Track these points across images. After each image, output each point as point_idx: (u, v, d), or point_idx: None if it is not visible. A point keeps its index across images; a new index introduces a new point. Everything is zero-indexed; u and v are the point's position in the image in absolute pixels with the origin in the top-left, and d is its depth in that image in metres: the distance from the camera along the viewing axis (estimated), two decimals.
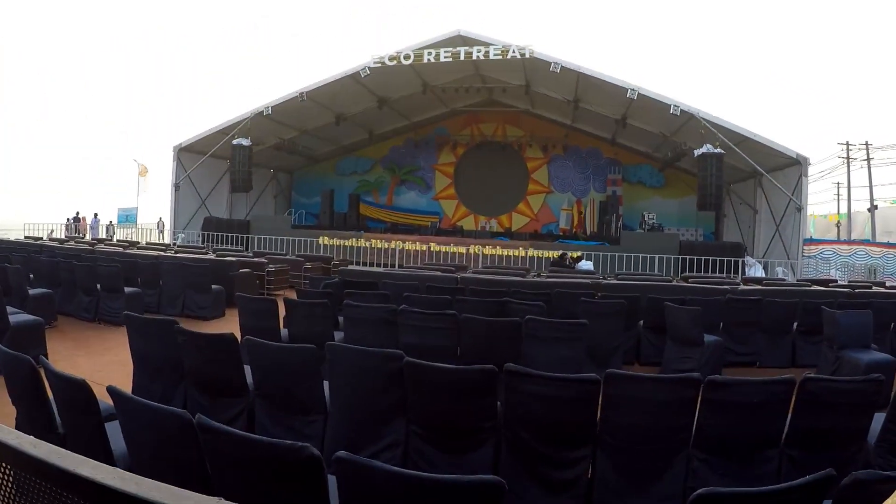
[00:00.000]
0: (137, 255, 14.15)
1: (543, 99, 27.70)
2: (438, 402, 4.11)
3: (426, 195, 33.69)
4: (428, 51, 22.96)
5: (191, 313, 11.09)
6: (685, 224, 29.36)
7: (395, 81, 25.80)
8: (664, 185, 30.46)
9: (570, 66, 21.77)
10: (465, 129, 32.75)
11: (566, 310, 8.13)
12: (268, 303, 7.21)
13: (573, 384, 3.88)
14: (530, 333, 6.27)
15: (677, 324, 7.78)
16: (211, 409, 4.68)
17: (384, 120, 30.86)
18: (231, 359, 4.67)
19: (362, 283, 9.91)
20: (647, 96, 21.33)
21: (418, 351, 4.93)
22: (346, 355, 4.41)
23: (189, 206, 27.89)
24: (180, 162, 27.15)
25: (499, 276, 11.61)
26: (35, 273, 11.53)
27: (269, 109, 25.35)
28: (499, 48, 22.29)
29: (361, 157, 34.58)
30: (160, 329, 5.24)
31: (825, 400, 3.94)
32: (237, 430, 4.36)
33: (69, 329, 9.88)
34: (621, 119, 25.14)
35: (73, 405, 3.54)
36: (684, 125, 22.06)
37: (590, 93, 24.19)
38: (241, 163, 25.12)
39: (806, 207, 21.11)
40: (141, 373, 5.49)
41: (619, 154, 30.81)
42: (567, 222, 31.28)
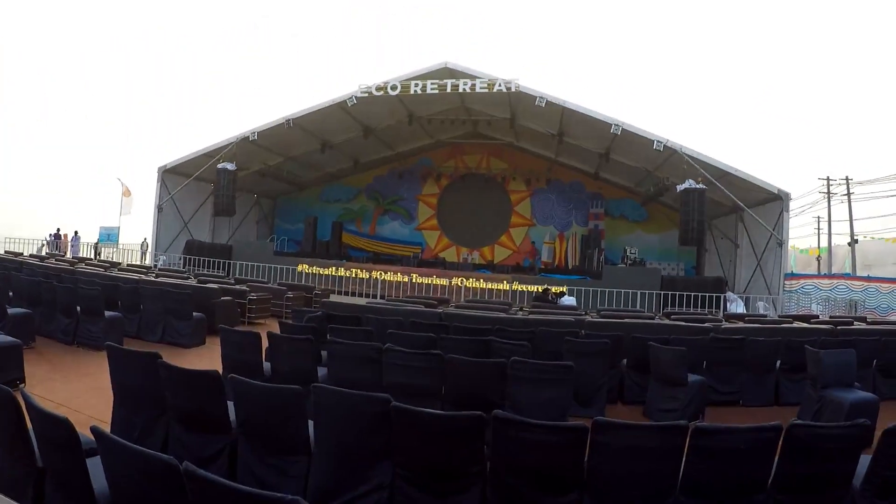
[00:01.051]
0: (119, 278, 14.01)
1: (528, 132, 27.93)
2: (425, 446, 4.07)
3: (409, 225, 33.76)
4: (415, 82, 23.14)
5: (171, 340, 10.93)
6: (667, 258, 29.54)
7: (382, 111, 25.96)
8: (646, 220, 30.72)
9: (555, 100, 22.03)
10: (449, 160, 32.93)
11: (550, 349, 8.12)
12: (251, 336, 7.12)
13: (561, 431, 3.85)
14: (516, 375, 6.23)
15: (661, 364, 7.77)
16: (193, 446, 4.61)
17: (369, 149, 30.95)
18: (215, 396, 4.59)
19: (346, 317, 9.85)
20: (630, 131, 21.62)
21: (403, 390, 4.89)
22: (332, 397, 4.37)
23: (172, 228, 27.76)
24: (164, 183, 27.06)
25: (482, 311, 11.58)
26: (14, 291, 11.40)
27: (254, 135, 25.37)
28: (485, 81, 22.49)
29: (345, 186, 34.65)
30: (143, 361, 5.12)
31: (812, 445, 3.94)
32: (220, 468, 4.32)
33: (47, 351, 9.70)
34: (605, 153, 25.40)
35: (55, 441, 3.47)
36: (667, 160, 22.32)
37: (574, 127, 24.43)
38: (225, 187, 25.08)
39: (787, 242, 21.31)
40: (121, 404, 5.38)
41: (601, 188, 31.06)
42: (549, 255, 31.41)
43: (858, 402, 6.84)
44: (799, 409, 7.84)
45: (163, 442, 4.78)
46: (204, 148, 26.67)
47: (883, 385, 8.85)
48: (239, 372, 4.70)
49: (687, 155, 20.88)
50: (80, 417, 6.03)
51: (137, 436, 4.84)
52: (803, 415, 7.58)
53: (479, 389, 6.08)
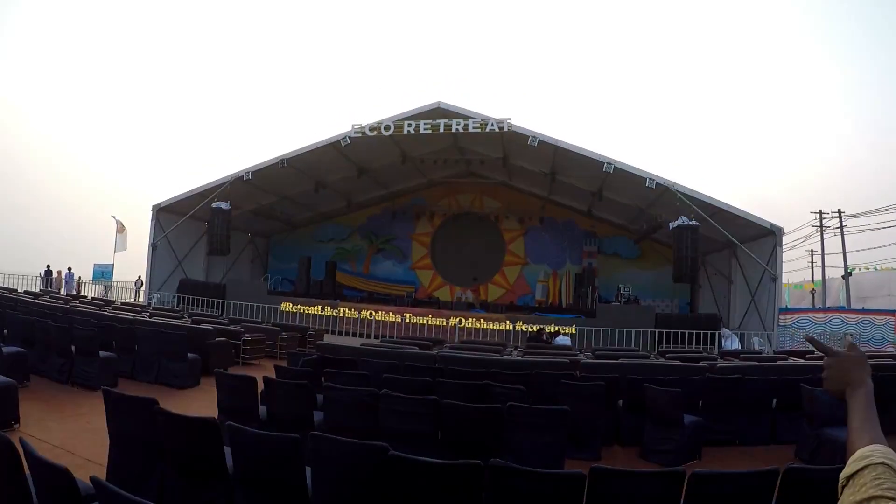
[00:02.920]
0: (113, 318, 13.99)
1: (521, 171, 28.09)
2: (423, 494, 4.05)
3: (403, 265, 33.81)
4: (408, 122, 23.30)
5: (165, 381, 10.89)
6: (661, 295, 29.59)
7: (375, 151, 26.07)
8: (639, 257, 30.81)
9: (548, 139, 22.23)
10: (442, 199, 33.07)
11: (546, 392, 8.12)
12: (247, 381, 7.11)
13: (558, 480, 3.85)
14: (512, 420, 6.25)
15: (657, 405, 7.78)
16: (189, 493, 4.60)
17: (363, 188, 31.09)
18: (212, 443, 4.58)
19: (341, 360, 9.85)
20: (622, 169, 21.84)
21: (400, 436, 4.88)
22: (329, 445, 4.36)
23: (166, 266, 27.81)
24: (159, 221, 27.14)
25: (477, 354, 11.58)
26: (9, 329, 11.41)
27: (249, 174, 25.52)
28: (477, 121, 22.68)
29: (339, 225, 34.74)
30: (139, 407, 5.12)
31: (809, 488, 3.94)
32: None
33: (42, 391, 9.65)
34: (597, 191, 25.54)
35: (53, 489, 3.46)
36: (659, 197, 22.48)
37: (566, 166, 24.61)
38: (219, 226, 25.14)
39: (781, 277, 21.38)
40: (118, 449, 5.35)
41: (595, 226, 31.15)
42: (543, 294, 31.40)
43: None
44: (796, 447, 7.84)
45: (159, 488, 4.76)
46: (198, 187, 26.81)
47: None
48: (234, 416, 4.71)
49: (679, 192, 21.05)
50: (75, 460, 6.02)
51: (134, 483, 4.81)
52: (800, 453, 7.59)
53: (475, 434, 6.08)
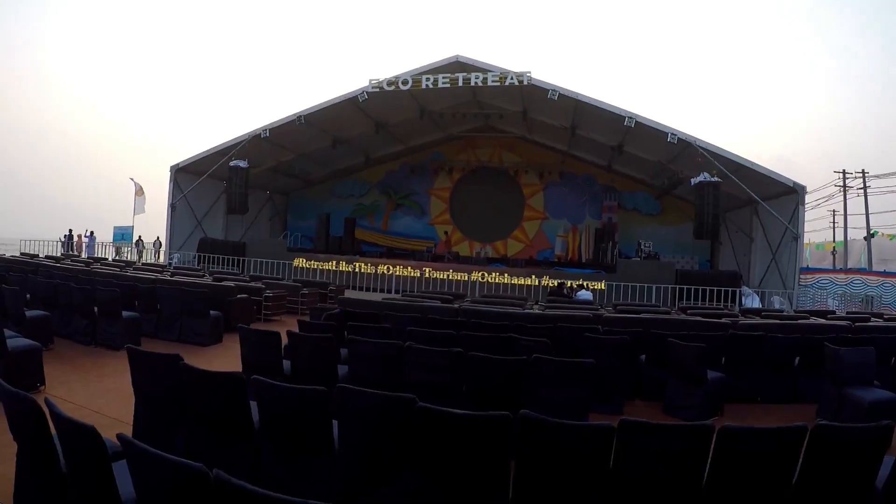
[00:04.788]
0: (135, 278, 14.04)
1: (540, 125, 27.79)
2: (451, 447, 4.03)
3: (422, 220, 33.75)
4: (426, 76, 23.05)
5: (188, 339, 10.93)
6: (681, 251, 29.41)
7: (393, 106, 25.89)
8: (660, 213, 30.58)
9: (568, 93, 21.92)
10: (461, 154, 32.87)
11: (569, 344, 8.06)
12: (270, 336, 7.10)
13: (587, 432, 3.81)
14: (537, 372, 6.20)
15: (680, 360, 7.71)
16: (216, 448, 4.60)
17: (381, 144, 30.94)
18: (237, 398, 4.56)
19: (364, 314, 9.85)
20: (644, 124, 21.51)
21: (425, 389, 4.85)
22: (357, 398, 4.33)
23: (185, 226, 27.91)
24: (177, 182, 27.19)
25: (499, 307, 11.53)
26: (32, 294, 11.43)
27: (266, 132, 25.42)
28: (496, 75, 22.38)
29: (357, 181, 34.68)
30: (164, 364, 5.10)
31: (837, 446, 3.89)
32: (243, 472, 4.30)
33: (66, 352, 9.70)
34: (618, 146, 25.25)
35: (80, 449, 3.43)
36: (681, 153, 22.19)
37: (587, 120, 24.33)
38: (237, 184, 25.14)
39: (802, 236, 21.13)
40: (143, 407, 5.37)
41: (615, 181, 30.92)
42: (562, 249, 31.30)
43: (878, 402, 6.78)
44: (817, 406, 7.78)
45: (185, 445, 4.78)
46: (216, 146, 26.78)
47: None
48: (259, 371, 4.68)
49: (701, 148, 20.77)
50: (101, 419, 6.04)
51: (160, 440, 4.83)
52: (822, 413, 7.52)
53: (500, 387, 6.04)
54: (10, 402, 3.90)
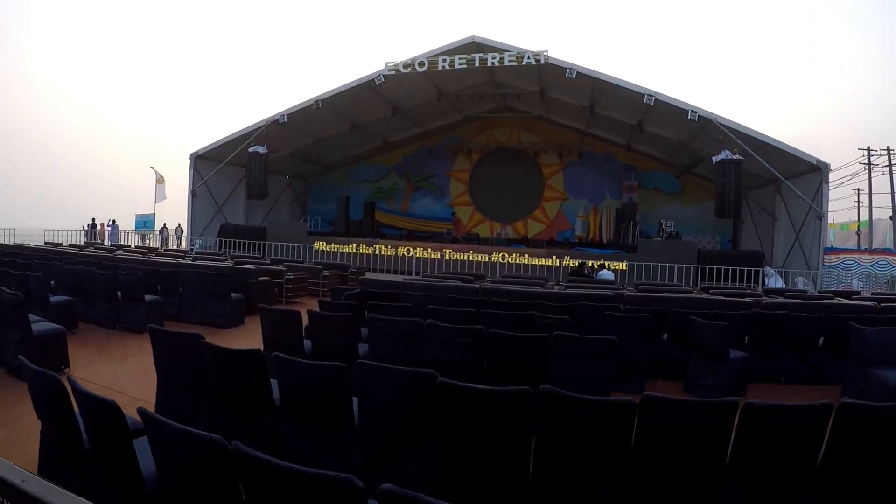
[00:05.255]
0: (157, 263, 14.18)
1: (558, 105, 27.60)
2: (471, 422, 4.03)
3: (441, 202, 33.68)
4: (442, 58, 23.00)
5: (210, 321, 11.02)
6: (702, 231, 29.16)
7: (410, 89, 25.89)
8: (681, 192, 30.27)
9: (586, 71, 21.71)
10: (479, 135, 32.73)
11: (591, 323, 8.02)
12: (291, 315, 7.15)
13: (609, 407, 3.78)
14: (558, 350, 6.17)
15: (703, 338, 7.64)
16: (237, 425, 4.62)
17: (398, 127, 30.98)
18: (258, 375, 4.61)
19: (384, 293, 9.87)
20: (663, 102, 21.29)
21: (444, 366, 4.85)
22: (377, 374, 4.35)
23: (206, 212, 28.11)
24: (197, 169, 27.35)
25: (519, 286, 11.50)
26: (56, 280, 11.57)
27: (284, 117, 25.51)
28: (513, 55, 22.24)
29: (376, 165, 34.68)
30: (186, 343, 5.17)
31: (862, 425, 3.82)
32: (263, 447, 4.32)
33: (90, 336, 9.84)
34: (637, 125, 25.05)
35: (102, 424, 3.49)
36: (702, 131, 21.95)
37: (605, 98, 24.09)
38: (256, 170, 25.25)
39: (826, 215, 20.87)
40: (165, 386, 5.45)
41: (635, 160, 30.67)
42: (583, 229, 31.16)
43: None
44: (842, 387, 7.68)
45: (207, 422, 4.80)
46: (234, 133, 26.92)
47: None
48: (280, 350, 4.69)
49: (722, 125, 20.53)
50: (124, 399, 6.09)
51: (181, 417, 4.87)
52: (847, 393, 7.41)
53: (521, 365, 6.02)
54: (35, 381, 3.95)
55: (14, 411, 5.80)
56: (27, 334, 7.26)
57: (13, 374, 7.11)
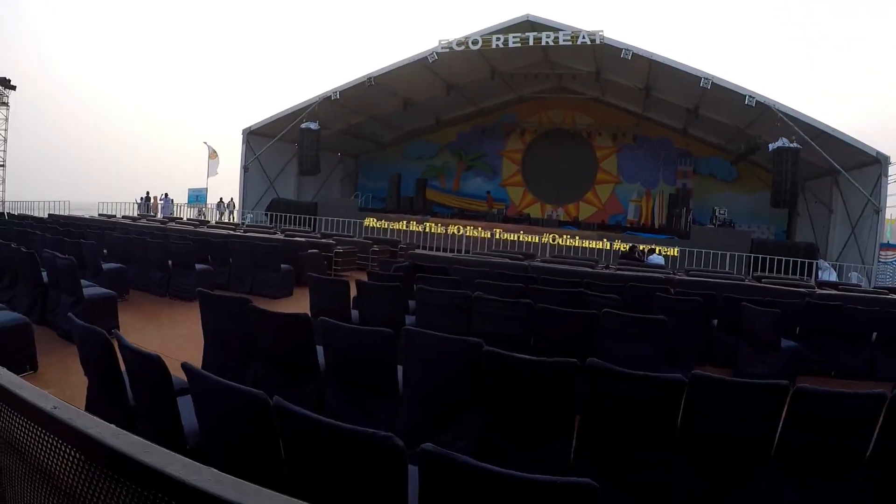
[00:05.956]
0: (208, 234, 14.43)
1: (614, 86, 27.18)
2: (516, 393, 4.00)
3: (493, 181, 33.43)
4: (496, 36, 22.77)
5: (259, 292, 11.13)
6: (757, 221, 28.56)
7: (463, 67, 25.69)
8: (736, 179, 29.61)
9: (642, 52, 21.34)
10: (533, 115, 32.37)
11: (640, 304, 7.90)
12: (340, 284, 7.21)
13: (658, 384, 3.73)
14: (607, 327, 6.11)
15: (755, 326, 7.48)
16: (281, 388, 4.66)
17: (452, 106, 30.76)
18: (304, 339, 4.65)
19: (433, 267, 9.88)
20: (720, 86, 20.77)
21: (491, 339, 4.86)
22: (424, 340, 4.35)
23: (258, 187, 28.44)
24: (249, 145, 27.65)
25: (569, 266, 11.44)
26: (109, 249, 11.85)
27: (337, 94, 25.54)
28: (568, 34, 21.92)
29: (428, 142, 34.55)
30: (233, 306, 5.25)
31: None
32: (308, 410, 4.37)
33: (141, 303, 10.07)
34: (693, 109, 24.54)
35: (146, 380, 3.55)
36: (759, 117, 21.44)
37: (661, 81, 23.67)
38: (309, 146, 25.41)
39: (884, 210, 20.28)
40: (212, 348, 5.53)
41: (690, 145, 30.04)
42: (635, 214, 30.75)
43: None
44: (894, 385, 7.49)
45: (251, 383, 4.87)
46: (287, 109, 27.08)
47: None
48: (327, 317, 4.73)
49: (780, 112, 20.02)
50: (171, 362, 6.20)
51: (227, 377, 4.95)
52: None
53: (568, 341, 5.97)
54: (83, 338, 4.03)
55: (63, 370, 5.96)
56: (79, 298, 7.43)
57: (64, 337, 7.29)
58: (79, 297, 7.45)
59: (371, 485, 2.40)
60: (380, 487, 2.37)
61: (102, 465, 1.29)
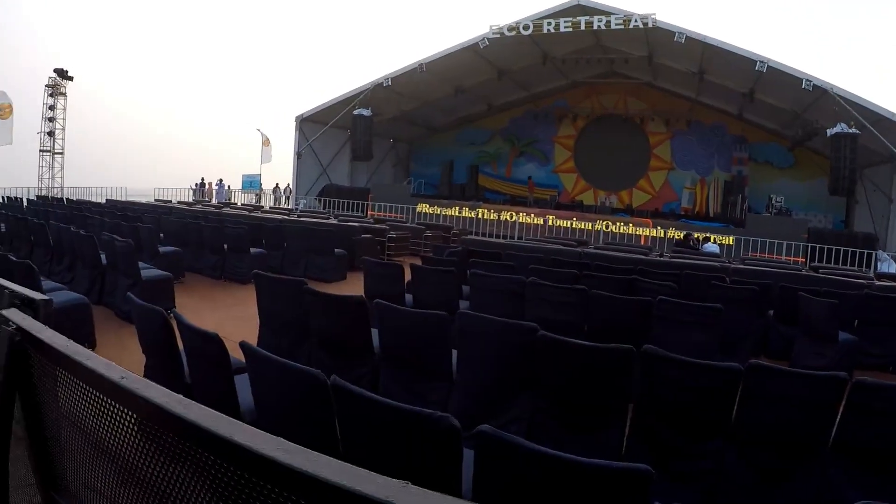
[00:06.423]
0: (262, 218, 14.67)
1: (667, 71, 26.82)
2: (570, 379, 3.99)
3: (545, 168, 33.27)
4: (547, 21, 22.68)
5: (313, 275, 11.16)
6: (814, 209, 27.90)
7: (514, 52, 25.62)
8: (793, 166, 28.95)
9: (695, 35, 20.99)
10: (585, 101, 32.09)
11: (695, 292, 7.81)
12: (394, 268, 7.30)
13: (714, 373, 3.68)
14: (662, 315, 6.06)
15: (811, 316, 7.31)
16: (335, 369, 4.76)
17: (503, 91, 30.68)
18: (359, 321, 4.70)
19: (486, 252, 9.91)
20: (776, 69, 20.35)
21: (545, 325, 4.89)
22: (479, 324, 4.36)
23: (310, 173, 28.74)
24: (302, 131, 27.94)
25: (623, 253, 11.40)
26: (165, 232, 12.09)
27: (388, 81, 25.73)
28: (620, 18, 21.72)
29: (480, 129, 34.48)
30: (289, 288, 5.33)
31: None
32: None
33: (196, 285, 10.30)
34: (748, 93, 24.04)
35: (204, 357, 3.63)
36: (816, 101, 20.90)
37: (715, 64, 23.26)
38: (361, 132, 25.64)
39: None
40: (267, 329, 5.60)
41: (745, 130, 29.46)
42: (689, 201, 30.29)
43: None
44: None
45: (306, 364, 4.97)
46: (339, 96, 27.34)
47: None
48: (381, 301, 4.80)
49: (838, 96, 19.47)
50: (226, 343, 6.40)
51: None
52: None
53: (623, 327, 5.92)
54: (142, 316, 4.15)
55: (120, 349, 6.11)
56: (136, 280, 7.66)
57: (121, 317, 7.52)
58: (136, 279, 7.67)
59: (427, 465, 2.42)
60: (436, 468, 2.40)
61: (171, 434, 1.31)
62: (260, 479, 1.11)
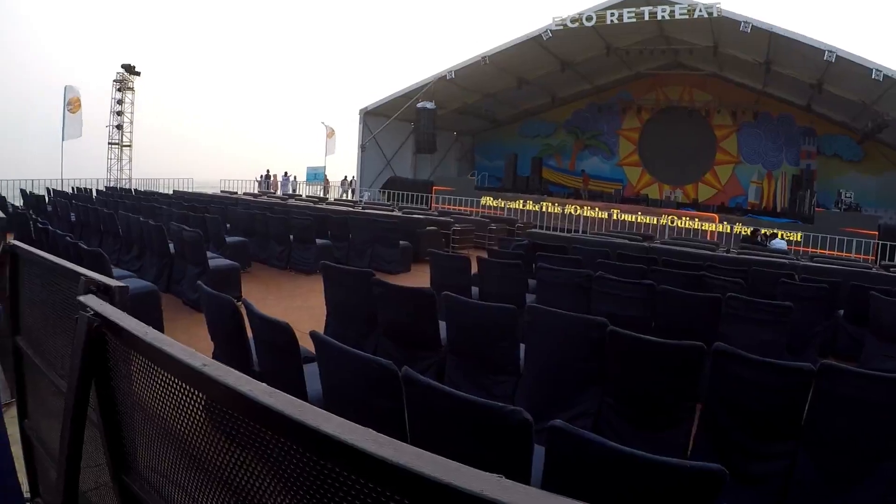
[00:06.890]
0: (328, 210, 14.91)
1: (732, 61, 26.22)
2: (639, 375, 3.98)
3: (610, 161, 32.91)
4: (610, 11, 22.45)
5: (378, 267, 11.21)
6: (885, 204, 26.85)
7: (578, 44, 25.41)
8: (863, 159, 28.04)
9: (761, 25, 20.48)
10: (649, 93, 31.60)
11: (763, 290, 7.71)
12: (461, 260, 7.37)
13: (787, 373, 3.62)
14: (730, 312, 6.00)
15: (883, 317, 7.12)
16: (402, 360, 4.85)
17: (567, 83, 30.41)
18: (428, 313, 4.75)
19: (552, 246, 9.91)
20: (845, 59, 19.69)
21: (612, 320, 4.95)
22: (548, 318, 4.36)
23: (374, 165, 29.04)
24: (366, 124, 28.24)
25: (690, 248, 11.34)
26: (231, 223, 12.41)
27: (451, 73, 25.74)
28: (684, 7, 21.33)
29: (544, 121, 34.25)
30: (356, 279, 5.41)
31: None
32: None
33: (262, 274, 10.54)
34: (817, 84, 23.34)
35: (274, 346, 3.70)
36: (887, 92, 20.18)
37: (783, 54, 22.63)
38: (425, 125, 25.78)
39: None
40: (334, 320, 5.68)
41: (813, 123, 28.53)
42: (756, 196, 29.61)
43: None
44: None
45: (373, 354, 5.10)
46: (402, 89, 27.49)
47: None
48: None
49: None
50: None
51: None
52: None
53: (690, 324, 5.87)
54: (210, 304, 4.27)
55: (188, 336, 6.23)
56: (204, 269, 7.89)
57: (189, 305, 7.76)
58: (204, 268, 7.90)
59: (497, 458, 2.43)
60: (506, 460, 2.41)
61: (255, 423, 1.31)
62: (348, 470, 1.10)
